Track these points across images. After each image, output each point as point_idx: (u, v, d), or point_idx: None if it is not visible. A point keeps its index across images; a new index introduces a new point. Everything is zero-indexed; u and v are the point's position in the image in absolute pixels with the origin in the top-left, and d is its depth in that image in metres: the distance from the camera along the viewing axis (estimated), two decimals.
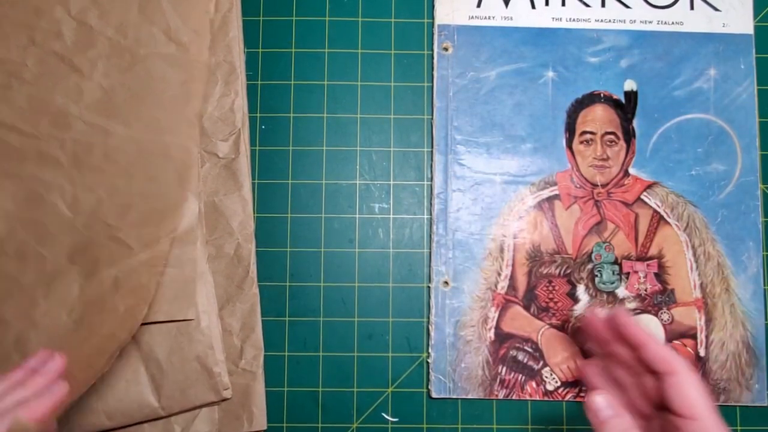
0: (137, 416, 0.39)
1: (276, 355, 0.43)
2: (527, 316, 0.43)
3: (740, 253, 0.43)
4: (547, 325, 0.43)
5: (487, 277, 0.43)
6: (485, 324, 0.43)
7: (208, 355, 0.39)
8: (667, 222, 0.44)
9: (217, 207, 0.42)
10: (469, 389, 0.42)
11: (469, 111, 0.45)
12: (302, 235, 0.44)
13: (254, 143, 0.45)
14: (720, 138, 0.44)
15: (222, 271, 0.42)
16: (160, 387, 0.39)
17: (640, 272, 0.43)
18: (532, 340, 0.43)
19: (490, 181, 0.44)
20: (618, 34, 0.45)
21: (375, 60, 0.46)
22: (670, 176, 0.44)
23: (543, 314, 0.43)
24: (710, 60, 0.45)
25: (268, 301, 0.43)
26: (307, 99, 0.45)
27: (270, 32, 0.46)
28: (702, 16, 0.45)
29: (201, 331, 0.39)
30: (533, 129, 0.45)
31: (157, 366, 0.39)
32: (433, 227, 0.44)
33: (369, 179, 0.45)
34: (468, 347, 0.43)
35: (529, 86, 0.45)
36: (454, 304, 0.43)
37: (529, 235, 0.43)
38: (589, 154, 0.44)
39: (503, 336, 0.43)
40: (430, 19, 0.46)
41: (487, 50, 0.45)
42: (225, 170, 0.42)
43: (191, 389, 0.39)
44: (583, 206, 0.44)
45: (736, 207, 0.44)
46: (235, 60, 0.43)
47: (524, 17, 0.45)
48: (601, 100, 0.45)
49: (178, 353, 0.39)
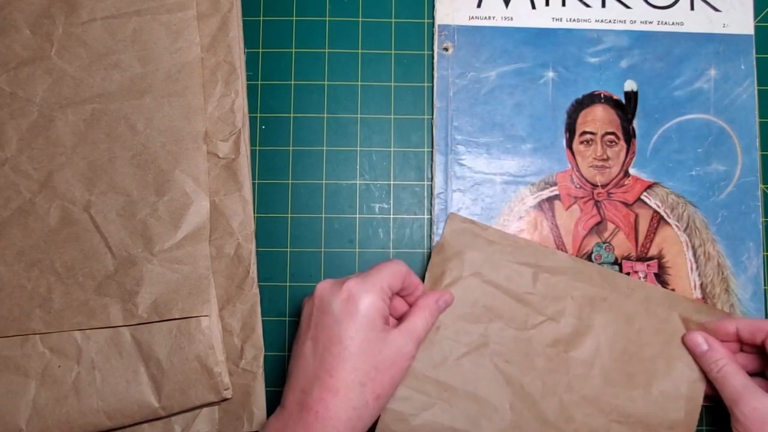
0: (137, 416, 0.39)
1: (276, 355, 0.43)
2: None
3: (740, 254, 0.43)
4: None
5: None
6: None
7: (209, 355, 0.39)
8: (667, 222, 0.44)
9: (217, 207, 0.42)
10: None
11: (469, 111, 0.45)
12: (302, 235, 0.44)
13: (254, 143, 0.45)
14: (720, 138, 0.44)
15: (222, 271, 0.42)
16: (160, 387, 0.39)
17: (640, 272, 0.43)
18: None
19: (490, 181, 0.44)
20: (618, 35, 0.45)
21: (375, 60, 0.46)
22: (670, 176, 0.44)
23: None
24: (710, 60, 0.45)
25: (268, 301, 0.43)
26: (307, 99, 0.45)
27: (270, 32, 0.46)
28: (702, 17, 0.45)
29: (201, 331, 0.39)
30: (533, 129, 0.45)
31: (157, 366, 0.39)
32: (434, 227, 0.44)
33: (369, 179, 0.45)
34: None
35: (530, 86, 0.45)
36: None
37: (529, 236, 0.43)
38: (589, 155, 0.44)
39: None
40: (431, 20, 0.46)
41: (487, 50, 0.45)
42: (225, 170, 0.42)
43: (191, 389, 0.39)
44: (583, 206, 0.44)
45: (737, 207, 0.44)
46: (235, 60, 0.43)
47: (524, 17, 0.45)
48: (601, 100, 0.45)
49: (179, 353, 0.39)
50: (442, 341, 0.39)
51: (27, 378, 0.39)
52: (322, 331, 0.34)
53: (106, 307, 0.40)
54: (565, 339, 0.40)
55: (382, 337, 0.34)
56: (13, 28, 0.42)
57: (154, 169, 0.41)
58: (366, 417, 0.33)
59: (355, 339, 0.33)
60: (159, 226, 0.41)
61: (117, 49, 0.42)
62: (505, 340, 0.40)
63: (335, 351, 0.33)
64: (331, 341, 0.33)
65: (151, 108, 0.42)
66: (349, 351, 0.33)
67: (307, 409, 0.33)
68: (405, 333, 0.35)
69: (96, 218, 0.41)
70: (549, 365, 0.40)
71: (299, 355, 0.35)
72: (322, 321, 0.34)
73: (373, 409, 0.34)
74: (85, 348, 0.40)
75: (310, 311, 0.35)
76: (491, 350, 0.40)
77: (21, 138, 0.41)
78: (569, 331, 0.40)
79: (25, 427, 0.38)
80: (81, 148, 0.41)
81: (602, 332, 0.40)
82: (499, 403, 0.39)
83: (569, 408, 0.39)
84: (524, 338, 0.40)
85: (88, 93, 0.42)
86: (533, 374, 0.39)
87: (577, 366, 0.40)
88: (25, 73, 0.42)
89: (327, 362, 0.33)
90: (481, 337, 0.40)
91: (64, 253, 0.41)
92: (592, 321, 0.40)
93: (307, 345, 0.34)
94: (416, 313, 0.37)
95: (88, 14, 0.42)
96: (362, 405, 0.33)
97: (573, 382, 0.39)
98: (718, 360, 0.37)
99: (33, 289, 0.40)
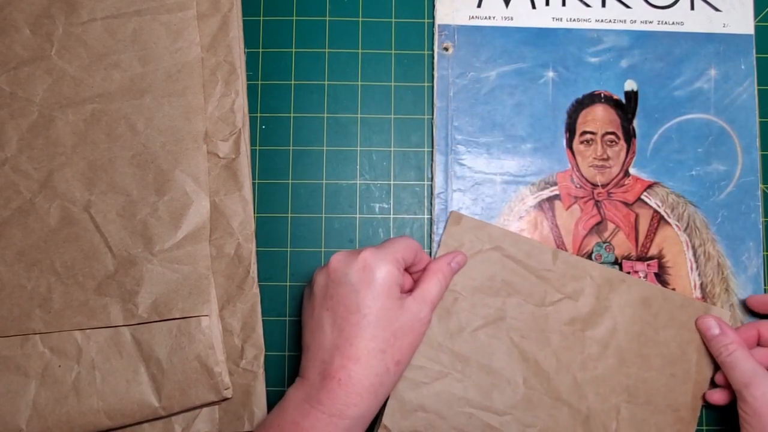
0: (137, 416, 0.39)
1: (276, 355, 0.43)
2: None
3: (740, 254, 0.43)
4: None
5: None
6: None
7: (209, 355, 0.39)
8: (668, 222, 0.44)
9: (217, 207, 0.42)
10: None
11: (469, 111, 0.45)
12: (302, 235, 0.44)
13: (254, 143, 0.45)
14: (720, 138, 0.44)
15: (222, 271, 0.42)
16: (161, 387, 0.39)
17: (641, 272, 0.43)
18: None
19: (490, 181, 0.44)
20: (618, 34, 0.45)
21: (375, 60, 0.46)
22: (670, 176, 0.44)
23: None
24: (711, 60, 0.45)
25: (268, 301, 0.43)
26: (307, 99, 0.45)
27: (270, 32, 0.46)
28: (702, 17, 0.45)
29: (201, 331, 0.39)
30: (533, 129, 0.45)
31: (157, 366, 0.39)
32: (434, 227, 0.44)
33: (369, 179, 0.45)
34: None
35: (530, 86, 0.45)
36: None
37: (530, 235, 0.43)
38: (590, 154, 0.44)
39: None
40: (431, 19, 0.46)
41: (487, 50, 0.45)
42: (225, 170, 0.42)
43: (192, 389, 0.39)
44: (583, 206, 0.44)
45: (737, 207, 0.44)
46: (235, 60, 0.43)
47: (525, 17, 0.45)
48: (601, 100, 0.45)
49: (179, 353, 0.39)
50: (459, 312, 0.40)
51: (27, 378, 0.39)
52: (339, 302, 0.34)
53: (106, 307, 0.40)
54: (582, 318, 0.41)
55: (399, 305, 0.35)
56: (13, 28, 0.42)
57: (154, 169, 0.41)
58: (387, 383, 0.34)
59: (373, 307, 0.34)
60: (159, 226, 0.41)
61: (117, 49, 0.42)
62: (522, 316, 0.40)
63: (354, 320, 0.33)
64: (349, 311, 0.34)
65: (151, 108, 0.42)
66: (368, 320, 0.33)
67: (329, 377, 0.33)
68: (419, 299, 0.36)
69: (96, 218, 0.41)
70: (564, 343, 0.40)
71: (316, 327, 0.35)
72: (339, 292, 0.34)
73: (394, 375, 0.34)
74: (85, 348, 0.39)
75: (325, 283, 0.35)
76: (508, 324, 0.40)
77: (21, 138, 0.41)
78: (587, 311, 0.41)
79: (25, 427, 0.38)
80: (81, 148, 0.41)
81: (619, 313, 0.41)
82: (513, 376, 0.40)
83: (582, 386, 0.40)
84: (541, 315, 0.40)
85: (88, 93, 0.42)
86: (548, 351, 0.40)
87: (593, 345, 0.40)
88: (25, 73, 0.42)
89: (346, 332, 0.33)
90: (498, 311, 0.40)
91: (64, 253, 0.40)
92: (610, 302, 0.41)
93: (324, 316, 0.35)
94: (429, 277, 0.37)
95: (88, 14, 0.42)
96: (383, 371, 0.34)
97: (587, 361, 0.40)
98: (729, 344, 0.38)
99: (33, 289, 0.40)
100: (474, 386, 0.39)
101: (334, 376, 0.33)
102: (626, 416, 0.39)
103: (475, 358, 0.40)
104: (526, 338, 0.40)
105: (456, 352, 0.40)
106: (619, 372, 0.40)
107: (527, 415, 0.39)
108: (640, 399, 0.40)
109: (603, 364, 0.40)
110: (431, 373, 0.39)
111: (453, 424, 0.39)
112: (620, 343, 0.40)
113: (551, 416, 0.39)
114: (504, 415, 0.39)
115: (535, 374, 0.40)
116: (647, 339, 0.40)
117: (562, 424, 0.39)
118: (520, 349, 0.40)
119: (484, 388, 0.39)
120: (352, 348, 0.33)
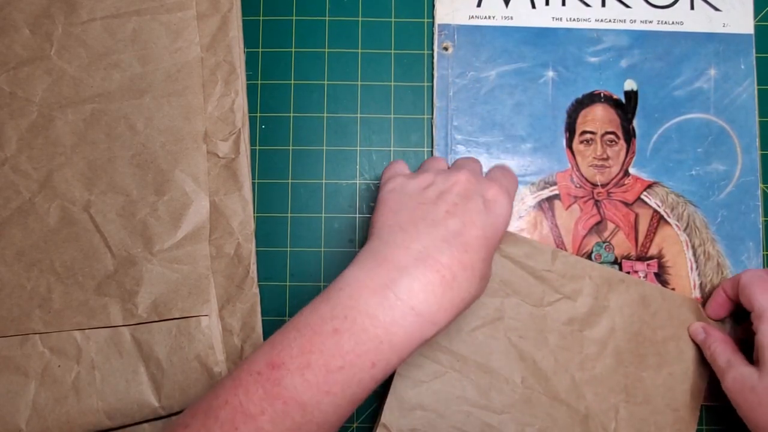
0: (137, 416, 0.39)
1: None
2: None
3: (740, 253, 0.43)
4: None
5: None
6: None
7: (209, 355, 0.39)
8: (667, 222, 0.44)
9: (217, 207, 0.42)
10: None
11: (469, 111, 0.45)
12: (302, 235, 0.44)
13: (254, 143, 0.45)
14: (720, 138, 0.44)
15: (222, 271, 0.42)
16: (160, 387, 0.39)
17: (640, 272, 0.43)
18: None
19: None
20: (618, 34, 0.45)
21: (375, 60, 0.46)
22: (670, 176, 0.44)
23: None
24: (710, 60, 0.45)
25: (268, 301, 0.43)
26: (307, 99, 0.45)
27: (270, 32, 0.46)
28: (702, 16, 0.45)
29: (201, 331, 0.39)
30: (533, 129, 0.45)
31: (157, 366, 0.39)
32: None
33: (369, 179, 0.45)
34: None
35: (529, 86, 0.45)
36: None
37: (529, 235, 0.43)
38: (589, 154, 0.44)
39: None
40: (430, 19, 0.46)
41: (487, 50, 0.45)
42: (225, 170, 0.42)
43: (191, 389, 0.39)
44: (583, 206, 0.44)
45: (736, 207, 0.44)
46: (235, 60, 0.43)
47: (524, 17, 0.45)
48: (601, 99, 0.45)
49: (179, 353, 0.39)
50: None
51: (27, 378, 0.39)
52: (465, 214, 0.32)
53: (106, 306, 0.40)
54: (581, 318, 0.41)
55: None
56: (13, 28, 0.42)
57: (153, 168, 0.41)
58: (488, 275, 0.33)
59: (492, 239, 0.32)
60: (159, 226, 0.41)
61: (117, 49, 0.42)
62: (520, 316, 0.40)
63: (473, 234, 0.31)
64: (474, 225, 0.32)
65: (150, 108, 0.42)
66: (489, 243, 0.32)
67: (431, 269, 0.30)
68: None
69: (96, 218, 0.41)
70: (563, 343, 0.40)
71: (435, 223, 0.32)
72: (466, 206, 0.32)
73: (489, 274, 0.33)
74: (85, 348, 0.40)
75: (462, 191, 0.33)
76: (506, 325, 0.40)
77: (21, 138, 0.41)
78: (585, 311, 0.41)
79: (25, 427, 0.38)
80: (81, 148, 0.41)
81: (618, 313, 0.41)
82: (511, 376, 0.40)
83: (580, 386, 0.40)
84: (540, 315, 0.40)
85: (87, 93, 0.42)
86: (546, 351, 0.40)
87: (591, 345, 0.40)
88: (24, 73, 0.42)
89: (464, 237, 0.31)
90: (496, 311, 0.40)
91: (64, 253, 0.41)
92: (609, 302, 0.41)
93: (450, 222, 0.31)
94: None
95: (87, 14, 0.42)
96: (475, 295, 0.32)
97: (585, 361, 0.40)
98: (711, 343, 0.39)
99: (33, 289, 0.40)
100: (472, 385, 0.40)
101: (438, 271, 0.29)
102: (625, 416, 0.39)
103: (473, 357, 0.40)
104: (524, 338, 0.40)
105: (454, 351, 0.40)
106: (617, 372, 0.40)
107: (525, 415, 0.39)
108: (638, 398, 0.40)
109: (601, 363, 0.40)
110: (430, 372, 0.40)
111: (451, 423, 0.39)
112: (618, 343, 0.40)
113: (549, 416, 0.39)
114: (502, 414, 0.39)
115: (534, 374, 0.40)
116: (645, 339, 0.40)
117: (560, 424, 0.39)
118: (519, 348, 0.40)
119: (482, 387, 0.40)
120: (466, 255, 0.31)
